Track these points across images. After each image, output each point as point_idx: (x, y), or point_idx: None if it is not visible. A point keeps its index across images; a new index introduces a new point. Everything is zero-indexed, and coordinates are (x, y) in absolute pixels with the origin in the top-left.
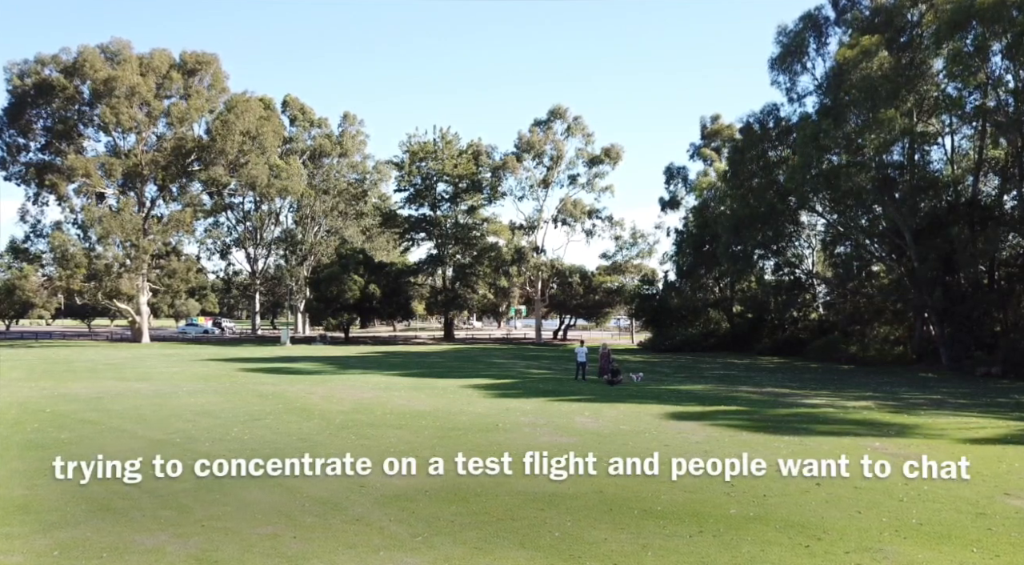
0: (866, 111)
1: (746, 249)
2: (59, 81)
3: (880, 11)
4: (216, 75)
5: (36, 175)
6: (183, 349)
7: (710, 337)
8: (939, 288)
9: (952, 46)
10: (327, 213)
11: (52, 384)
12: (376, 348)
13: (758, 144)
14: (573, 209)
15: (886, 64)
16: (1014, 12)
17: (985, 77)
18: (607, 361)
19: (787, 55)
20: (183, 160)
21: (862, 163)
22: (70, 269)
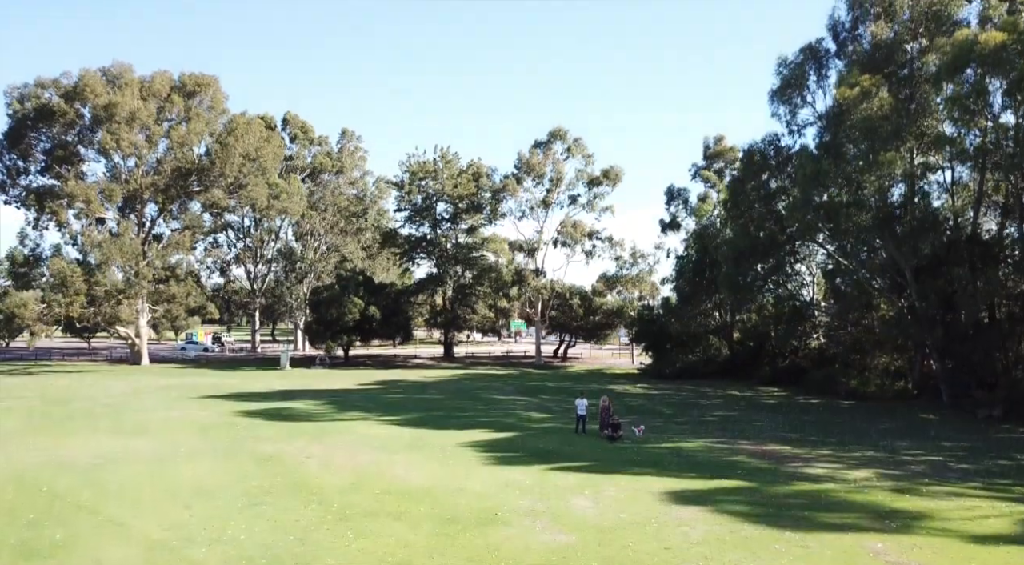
0: (866, 151)
1: (746, 279)
2: (59, 106)
3: (880, 47)
4: (216, 96)
5: (36, 201)
6: (182, 377)
7: (710, 364)
8: (940, 327)
9: (952, 89)
10: (327, 230)
11: (50, 442)
12: (375, 374)
13: (758, 174)
14: (573, 231)
15: (886, 105)
16: (1015, 57)
17: (985, 118)
18: (607, 414)
19: (787, 87)
20: (183, 181)
21: (862, 202)
22: (69, 296)
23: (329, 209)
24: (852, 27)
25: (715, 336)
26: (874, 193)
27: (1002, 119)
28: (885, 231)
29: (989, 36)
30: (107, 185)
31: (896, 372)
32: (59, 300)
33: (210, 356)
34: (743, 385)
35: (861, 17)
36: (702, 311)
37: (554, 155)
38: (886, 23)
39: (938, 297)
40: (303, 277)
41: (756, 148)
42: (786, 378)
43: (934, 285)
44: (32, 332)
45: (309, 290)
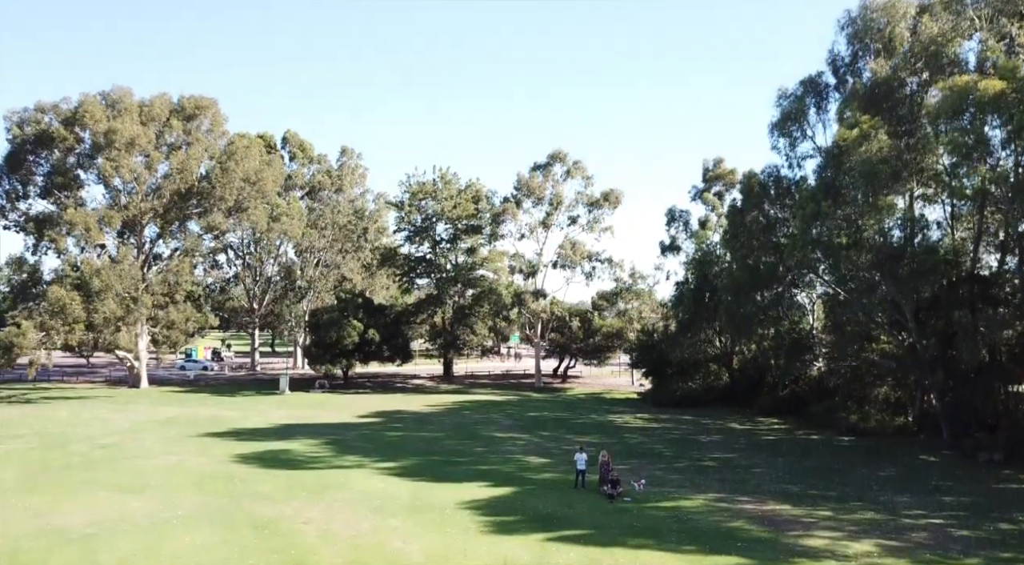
0: (865, 194)
1: (746, 312)
2: (59, 131)
3: (880, 85)
4: (215, 119)
5: (35, 229)
6: (180, 406)
7: (710, 391)
8: (940, 370)
9: (952, 134)
10: (326, 249)
11: (46, 503)
12: (374, 401)
13: (758, 206)
14: (573, 254)
15: (885, 147)
16: (1014, 104)
17: (984, 163)
18: (606, 470)
19: (787, 120)
20: (183, 203)
21: (861, 243)
22: (68, 324)
23: (329, 227)
24: (851, 62)
25: (715, 363)
26: (873, 236)
27: (1001, 162)
28: (885, 272)
29: (988, 83)
30: (106, 212)
31: (896, 403)
32: (58, 328)
33: (209, 375)
34: (743, 416)
35: (860, 52)
36: (702, 339)
37: (553, 176)
38: (885, 59)
39: (938, 338)
40: (302, 296)
41: (755, 179)
42: (786, 408)
43: (934, 326)
44: (31, 361)
45: (308, 309)
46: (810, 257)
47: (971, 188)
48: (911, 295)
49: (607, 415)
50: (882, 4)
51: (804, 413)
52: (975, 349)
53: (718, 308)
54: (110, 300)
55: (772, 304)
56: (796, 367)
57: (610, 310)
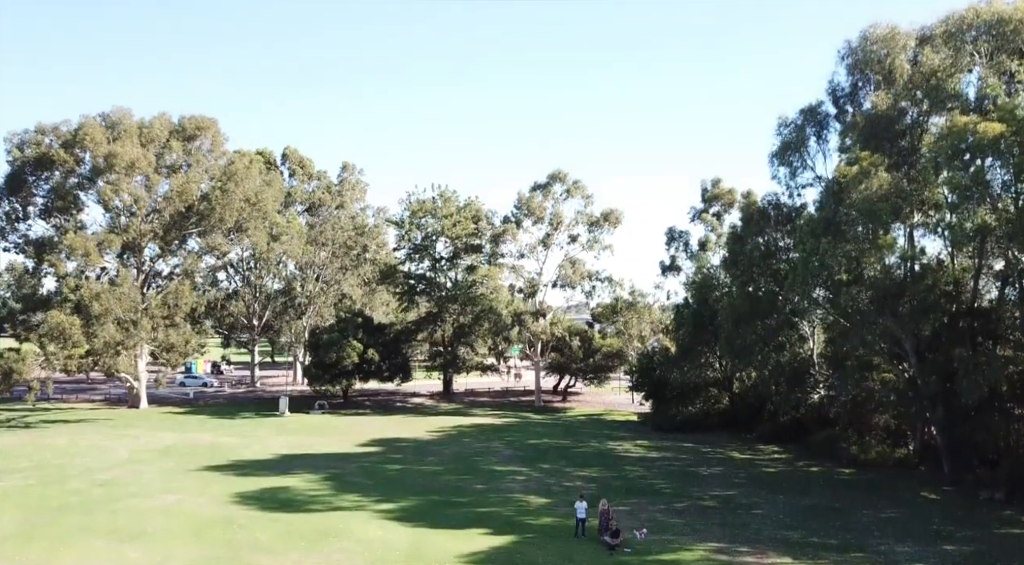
0: (866, 231)
1: (746, 341)
2: (59, 154)
3: (880, 117)
4: (215, 139)
5: (35, 254)
6: (180, 431)
7: (710, 416)
8: (941, 406)
9: (952, 174)
10: (326, 265)
11: (43, 555)
12: (374, 425)
13: (758, 234)
14: (572, 275)
15: (885, 184)
16: (1013, 147)
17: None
18: (606, 519)
19: (787, 149)
20: (183, 224)
21: (862, 280)
22: (67, 348)
23: (329, 243)
24: (852, 92)
25: (715, 388)
26: (874, 273)
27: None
28: (885, 309)
29: (987, 126)
30: (106, 236)
31: (897, 432)
32: (57, 353)
33: (208, 393)
34: (743, 443)
35: (861, 82)
36: (702, 363)
37: (553, 194)
38: (885, 91)
39: (939, 374)
40: (302, 313)
41: (755, 206)
42: (787, 435)
43: (935, 363)
44: (31, 387)
45: (308, 324)
46: (810, 292)
47: (972, 226)
48: (912, 332)
49: (607, 442)
50: (882, 35)
51: (805, 441)
52: (976, 387)
53: (718, 332)
54: (110, 324)
55: (772, 333)
56: (796, 396)
57: (609, 323)
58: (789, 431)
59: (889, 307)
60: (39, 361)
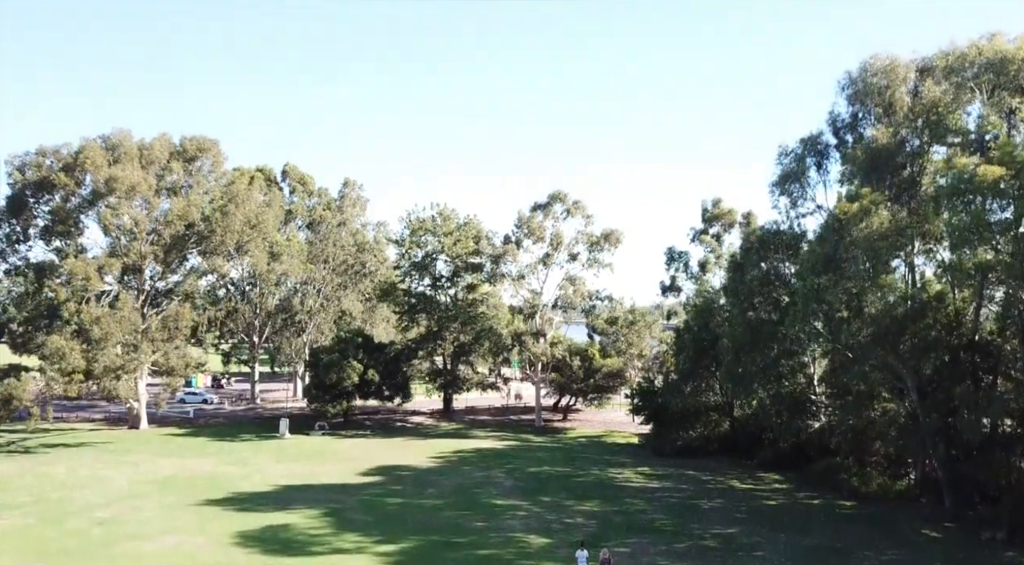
0: (867, 270)
1: (747, 371)
2: (59, 178)
3: (880, 151)
4: (216, 159)
5: (36, 279)
6: (180, 458)
7: (711, 441)
8: (942, 443)
9: (952, 215)
10: (327, 282)
11: None
12: (374, 449)
13: (758, 263)
14: (573, 296)
15: (886, 223)
16: (1013, 190)
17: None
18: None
19: (787, 179)
20: (183, 245)
21: (863, 319)
22: (67, 374)
23: (330, 261)
24: (852, 123)
25: (716, 412)
26: (874, 311)
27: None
28: (886, 346)
29: (987, 169)
30: (106, 260)
31: (898, 461)
32: (57, 378)
33: (208, 410)
34: (743, 471)
35: (861, 113)
36: (703, 387)
37: (553, 214)
38: (886, 125)
39: (940, 412)
40: (302, 329)
41: (756, 234)
42: (788, 462)
43: (936, 401)
44: (31, 414)
45: (308, 340)
46: (811, 329)
47: (972, 265)
48: (913, 369)
49: (607, 469)
50: (882, 66)
51: (806, 470)
52: (977, 425)
53: (719, 358)
54: (110, 348)
55: (773, 363)
56: (797, 425)
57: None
58: (790, 458)
59: (890, 344)
60: (39, 387)
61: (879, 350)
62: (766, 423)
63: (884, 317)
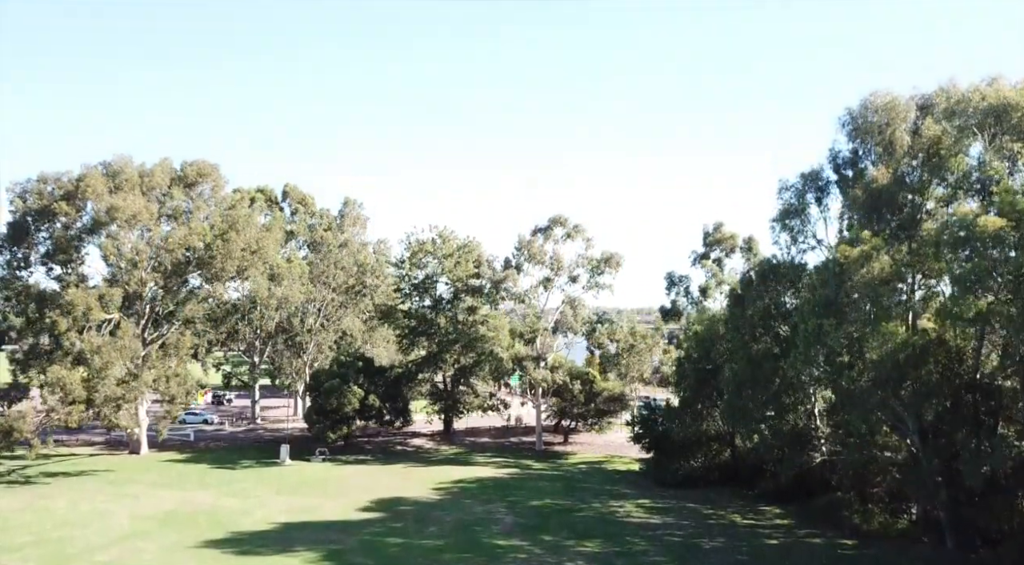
0: (868, 316)
1: (748, 406)
2: (61, 207)
3: (881, 191)
4: (216, 184)
5: (37, 310)
6: (181, 489)
7: (712, 470)
8: (944, 489)
9: (953, 264)
10: (328, 302)
11: None
12: (375, 476)
13: (759, 298)
14: (573, 322)
15: (887, 268)
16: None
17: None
18: None
19: (787, 215)
20: (184, 271)
21: (864, 365)
22: (67, 404)
23: (331, 281)
24: (852, 159)
25: (716, 442)
26: (875, 357)
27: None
28: (888, 390)
29: (988, 221)
30: (107, 290)
31: (900, 496)
32: (58, 409)
33: (208, 432)
34: (745, 502)
35: (861, 150)
36: (704, 416)
37: (554, 237)
38: (886, 165)
39: (941, 458)
40: (303, 350)
41: (757, 268)
42: (789, 495)
43: (938, 446)
44: (32, 445)
45: (309, 360)
46: (812, 372)
47: (972, 314)
48: (915, 413)
49: (609, 501)
50: (882, 104)
51: (807, 504)
52: (979, 473)
53: (719, 388)
54: (111, 378)
55: (774, 398)
56: (798, 460)
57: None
58: (791, 490)
59: (891, 389)
60: (40, 418)
61: (880, 394)
62: (767, 457)
63: (885, 362)
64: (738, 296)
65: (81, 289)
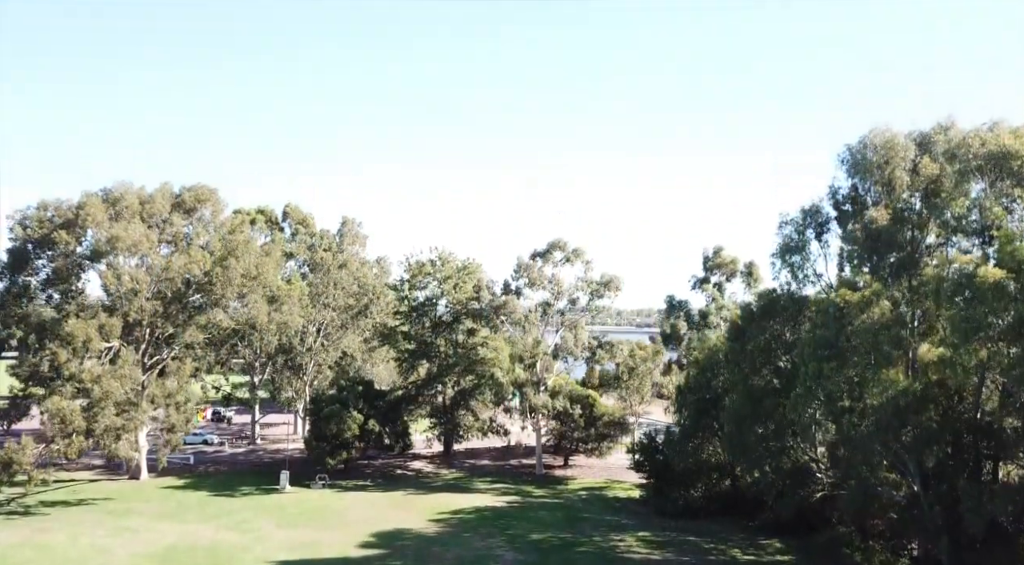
0: (868, 362)
1: (748, 442)
2: (61, 236)
3: (881, 231)
4: (215, 208)
5: (37, 340)
6: (181, 522)
7: (713, 500)
8: (945, 536)
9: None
10: (328, 323)
11: None
12: (376, 501)
13: (759, 333)
14: (574, 348)
15: (888, 313)
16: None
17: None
18: None
19: (788, 251)
20: (184, 295)
21: (864, 409)
22: (67, 435)
23: (331, 303)
24: (852, 196)
25: (717, 472)
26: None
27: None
28: (889, 437)
29: (988, 272)
30: (107, 321)
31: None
32: (59, 441)
33: (209, 455)
34: (745, 535)
35: (860, 187)
36: (705, 447)
37: (553, 260)
38: (885, 203)
39: (943, 505)
40: (302, 371)
41: (757, 305)
42: (790, 528)
43: (939, 492)
44: (31, 478)
45: (309, 380)
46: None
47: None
48: (916, 459)
49: (609, 534)
50: (881, 142)
51: (808, 540)
52: (980, 519)
53: (720, 420)
54: (110, 408)
55: (775, 435)
56: (798, 496)
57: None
58: (792, 523)
59: (892, 434)
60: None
61: (881, 439)
62: (767, 492)
63: (885, 408)
64: (739, 329)
65: (81, 319)
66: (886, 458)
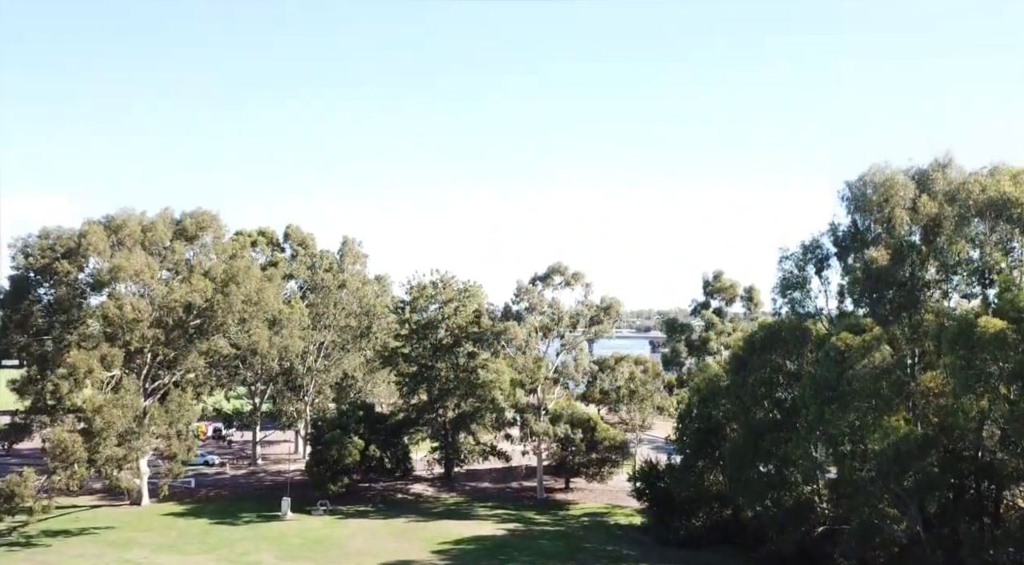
0: (869, 404)
1: (750, 478)
2: (63, 266)
3: (880, 272)
4: (217, 234)
5: (39, 372)
6: (181, 553)
7: (715, 529)
8: None
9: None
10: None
11: None
12: (376, 529)
13: (760, 366)
14: (575, 373)
15: (888, 358)
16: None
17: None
18: None
19: (788, 286)
20: (185, 321)
21: (866, 454)
22: (69, 465)
23: (331, 324)
24: (852, 232)
25: (718, 501)
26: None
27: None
28: (891, 482)
29: (988, 322)
30: (108, 350)
31: None
32: (61, 474)
33: (210, 477)
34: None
35: (860, 224)
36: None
37: (553, 284)
38: (885, 243)
39: (944, 549)
40: (303, 392)
41: (758, 337)
42: (792, 562)
43: (940, 536)
44: (31, 509)
45: (309, 400)
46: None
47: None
48: (917, 504)
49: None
50: (880, 180)
51: None
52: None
53: (720, 448)
54: (112, 438)
55: (777, 470)
56: (800, 532)
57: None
58: (794, 557)
59: (894, 479)
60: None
61: (882, 484)
62: (769, 527)
63: (887, 453)
64: (740, 360)
65: (83, 349)
66: (888, 502)
